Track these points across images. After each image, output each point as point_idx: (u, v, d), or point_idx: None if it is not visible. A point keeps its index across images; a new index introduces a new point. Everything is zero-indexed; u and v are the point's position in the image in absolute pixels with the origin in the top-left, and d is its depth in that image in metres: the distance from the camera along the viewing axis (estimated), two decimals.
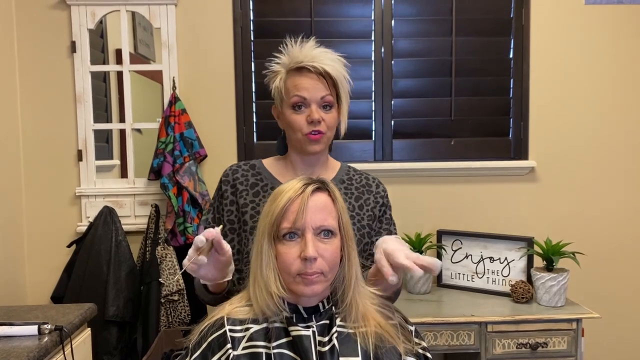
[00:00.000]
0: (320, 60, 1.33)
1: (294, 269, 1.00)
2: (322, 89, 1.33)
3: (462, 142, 2.49)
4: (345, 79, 1.38)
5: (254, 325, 1.02)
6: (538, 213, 2.49)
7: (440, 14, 2.46)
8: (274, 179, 1.41)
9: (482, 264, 2.31)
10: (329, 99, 1.34)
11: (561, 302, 2.09)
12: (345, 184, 1.45)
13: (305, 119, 1.33)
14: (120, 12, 2.36)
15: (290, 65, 1.35)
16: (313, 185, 1.04)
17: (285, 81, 1.36)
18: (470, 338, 2.01)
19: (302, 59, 1.34)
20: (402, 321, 1.11)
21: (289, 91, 1.35)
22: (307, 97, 1.33)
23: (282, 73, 1.38)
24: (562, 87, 2.47)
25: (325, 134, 1.35)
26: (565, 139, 2.49)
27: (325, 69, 1.32)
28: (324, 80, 1.33)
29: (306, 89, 1.32)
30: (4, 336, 1.45)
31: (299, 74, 1.34)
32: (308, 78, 1.33)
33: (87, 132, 2.38)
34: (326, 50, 1.38)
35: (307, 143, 1.35)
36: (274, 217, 1.01)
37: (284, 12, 2.44)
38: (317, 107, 1.33)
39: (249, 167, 1.44)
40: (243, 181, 1.41)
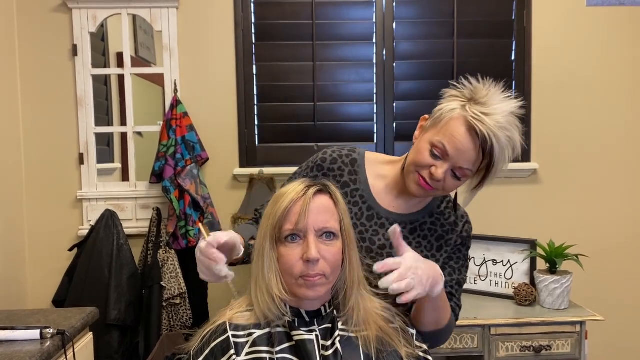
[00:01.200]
0: (498, 135, 1.09)
1: (297, 270, 0.99)
2: (470, 161, 1.11)
3: None
4: (500, 171, 1.14)
5: (256, 330, 1.01)
6: (540, 215, 2.48)
7: (442, 16, 2.46)
8: (367, 186, 1.25)
9: (485, 266, 2.30)
10: (466, 173, 1.13)
11: (564, 305, 2.08)
12: (434, 218, 1.27)
13: (431, 167, 1.13)
14: (122, 15, 2.36)
15: (471, 112, 1.10)
16: (315, 188, 1.04)
17: (452, 118, 1.12)
18: (474, 341, 2.00)
19: (488, 113, 1.09)
20: (403, 325, 1.10)
21: (444, 132, 1.12)
22: (450, 155, 1.12)
23: (459, 105, 1.13)
24: (564, 88, 2.47)
25: (436, 191, 1.16)
26: (568, 141, 2.48)
27: (492, 150, 1.09)
28: (480, 156, 1.11)
29: (455, 148, 1.11)
30: (6, 340, 1.44)
31: (467, 127, 1.10)
32: (469, 141, 1.10)
33: (89, 135, 2.37)
34: (516, 124, 1.13)
35: (412, 183, 1.17)
36: (276, 219, 1.01)
37: (286, 15, 2.43)
38: (449, 169, 1.12)
39: (350, 162, 1.27)
40: (337, 174, 1.26)
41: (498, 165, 1.12)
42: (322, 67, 2.45)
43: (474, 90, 1.15)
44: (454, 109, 1.13)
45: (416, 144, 1.19)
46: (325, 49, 2.45)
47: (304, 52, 2.44)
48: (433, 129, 1.16)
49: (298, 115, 2.47)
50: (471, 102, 1.13)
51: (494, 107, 1.10)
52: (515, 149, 1.13)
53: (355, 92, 2.48)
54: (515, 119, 1.13)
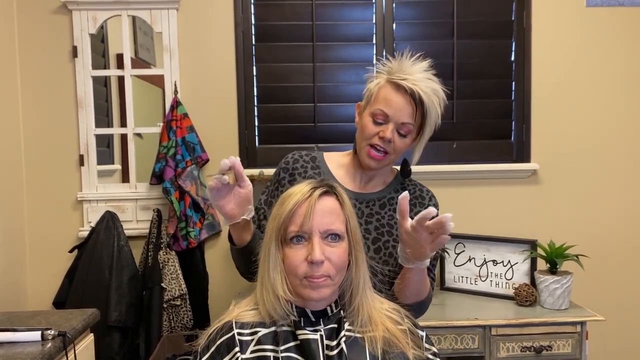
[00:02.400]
0: (421, 86, 1.27)
1: (301, 272, 1.00)
2: (408, 115, 1.28)
3: (464, 145, 2.49)
4: (436, 116, 1.31)
5: (261, 329, 1.02)
6: (541, 216, 2.49)
7: (442, 17, 2.46)
8: (331, 175, 1.39)
9: (485, 267, 2.30)
10: (409, 127, 1.29)
11: (565, 305, 2.08)
12: (399, 193, 1.37)
13: (378, 132, 1.29)
14: (122, 16, 2.36)
15: (393, 77, 1.29)
16: (321, 189, 1.04)
17: (380, 88, 1.31)
18: (475, 341, 2.00)
19: (408, 75, 1.28)
20: (412, 326, 1.10)
21: (377, 101, 1.30)
22: (390, 115, 1.28)
23: (381, 79, 1.32)
24: (564, 89, 2.47)
25: (389, 155, 1.31)
26: (568, 141, 2.48)
27: (421, 97, 1.26)
28: (414, 108, 1.28)
29: (393, 107, 1.27)
30: (8, 342, 1.45)
31: (394, 90, 1.28)
32: (400, 98, 1.27)
33: (89, 136, 2.37)
34: (434, 79, 1.31)
35: (366, 157, 1.31)
36: (281, 221, 1.01)
37: (285, 16, 2.44)
38: (394, 128, 1.28)
39: (310, 159, 1.41)
40: (302, 172, 1.38)
41: (431, 112, 1.29)
42: (322, 68, 2.45)
43: (389, 66, 1.33)
44: (378, 82, 1.32)
45: (359, 124, 1.36)
46: (325, 49, 2.45)
47: (304, 53, 2.44)
48: (368, 105, 1.33)
49: (298, 116, 2.47)
50: (390, 73, 1.31)
51: (409, 69, 1.30)
52: (440, 95, 1.31)
53: (356, 93, 2.47)
54: (429, 73, 1.32)
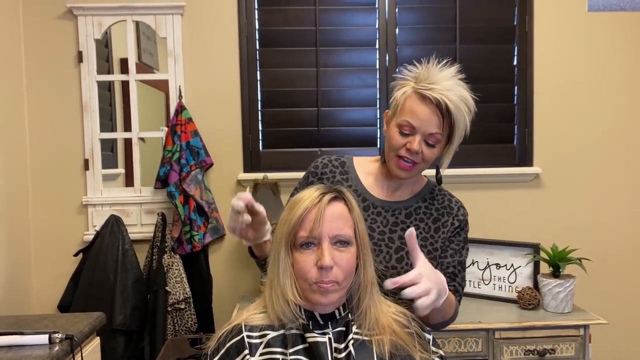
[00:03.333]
0: (448, 95, 1.25)
1: (310, 277, 1.01)
2: (435, 125, 1.26)
3: (466, 149, 2.47)
4: (464, 124, 1.29)
5: (270, 331, 1.03)
6: (543, 219, 2.49)
7: (444, 22, 2.48)
8: (360, 182, 1.39)
9: (489, 270, 2.31)
10: (437, 137, 1.28)
11: (568, 309, 2.09)
12: (427, 203, 1.39)
13: (405, 144, 1.28)
14: (127, 22, 2.38)
15: (419, 87, 1.27)
16: (330, 195, 1.05)
17: (406, 98, 1.29)
18: (478, 345, 2.00)
19: (434, 83, 1.26)
20: (419, 330, 1.11)
21: (404, 112, 1.28)
22: (417, 127, 1.27)
23: (408, 88, 1.30)
24: (566, 93, 2.48)
25: (418, 165, 1.30)
26: (570, 145, 2.50)
27: (448, 107, 1.24)
28: (441, 118, 1.26)
29: (419, 119, 1.26)
30: (16, 345, 1.46)
31: (421, 100, 1.26)
32: (427, 109, 1.26)
33: (94, 141, 2.39)
34: (462, 85, 1.29)
35: (395, 167, 1.31)
36: (291, 226, 1.02)
37: (289, 21, 2.45)
38: (422, 139, 1.27)
39: (339, 164, 1.42)
40: (330, 177, 1.40)
41: (459, 121, 1.27)
42: (326, 72, 2.47)
43: (416, 73, 1.31)
44: (405, 91, 1.30)
45: (387, 134, 1.35)
46: (328, 54, 2.46)
47: (307, 58, 2.46)
48: (395, 115, 1.32)
49: (302, 121, 2.48)
50: (417, 81, 1.29)
51: (437, 77, 1.27)
52: (468, 103, 1.29)
53: (359, 97, 2.49)
54: (457, 79, 1.30)
